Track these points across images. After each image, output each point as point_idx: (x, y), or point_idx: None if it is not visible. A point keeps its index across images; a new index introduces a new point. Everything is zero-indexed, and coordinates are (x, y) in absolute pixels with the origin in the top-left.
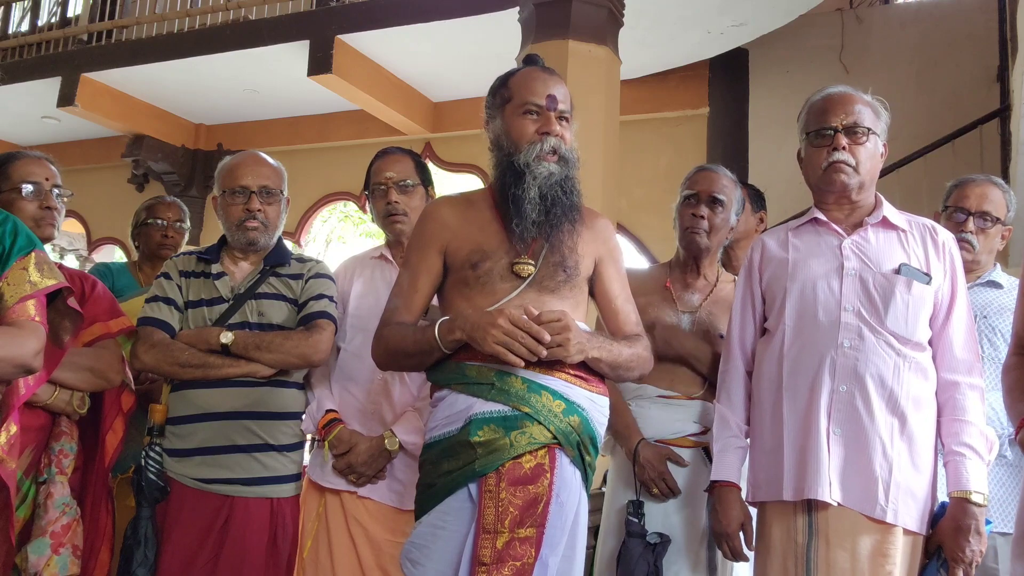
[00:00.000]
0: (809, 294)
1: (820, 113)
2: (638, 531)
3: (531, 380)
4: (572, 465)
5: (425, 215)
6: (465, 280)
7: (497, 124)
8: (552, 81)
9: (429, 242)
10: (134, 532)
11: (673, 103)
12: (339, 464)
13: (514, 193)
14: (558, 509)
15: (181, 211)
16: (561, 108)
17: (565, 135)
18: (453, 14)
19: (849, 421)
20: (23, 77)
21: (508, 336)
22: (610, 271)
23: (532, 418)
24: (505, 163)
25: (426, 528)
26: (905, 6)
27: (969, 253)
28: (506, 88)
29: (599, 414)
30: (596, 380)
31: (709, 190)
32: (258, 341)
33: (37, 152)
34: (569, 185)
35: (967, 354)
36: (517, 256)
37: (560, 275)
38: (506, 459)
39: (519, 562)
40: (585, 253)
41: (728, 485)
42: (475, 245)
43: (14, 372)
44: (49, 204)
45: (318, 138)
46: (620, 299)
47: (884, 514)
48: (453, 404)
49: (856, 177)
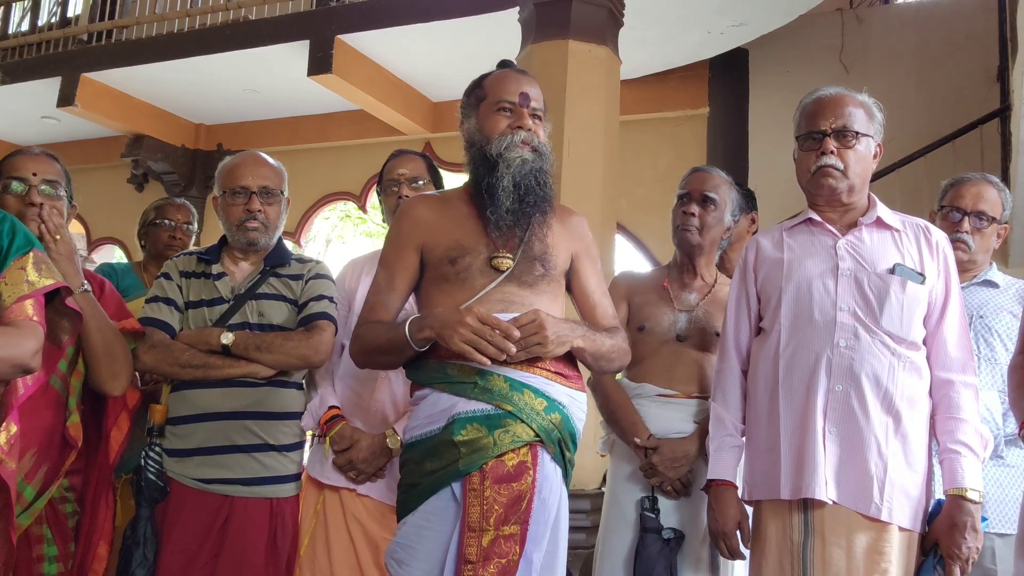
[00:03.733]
0: (804, 294)
1: (810, 116)
2: (655, 526)
3: (513, 378)
4: (553, 462)
5: (401, 213)
6: (444, 276)
7: (471, 123)
8: (525, 80)
9: (406, 240)
10: (133, 532)
11: (673, 103)
12: (340, 460)
13: (488, 182)
14: (541, 506)
15: (190, 213)
16: (534, 106)
17: (539, 131)
18: (453, 14)
19: (844, 420)
20: (23, 77)
21: (476, 334)
22: (586, 266)
23: (515, 416)
24: (479, 155)
25: (411, 528)
26: (905, 6)
27: (965, 253)
28: (480, 88)
29: (578, 411)
30: (575, 377)
31: (701, 189)
32: (258, 342)
33: (37, 148)
34: (543, 177)
35: (961, 352)
36: (495, 251)
37: (538, 269)
38: (489, 458)
39: (504, 559)
40: (561, 248)
41: (724, 484)
42: (453, 241)
43: (12, 372)
44: (31, 200)
45: (318, 138)
46: (597, 294)
47: (879, 512)
48: (435, 403)
49: (844, 181)
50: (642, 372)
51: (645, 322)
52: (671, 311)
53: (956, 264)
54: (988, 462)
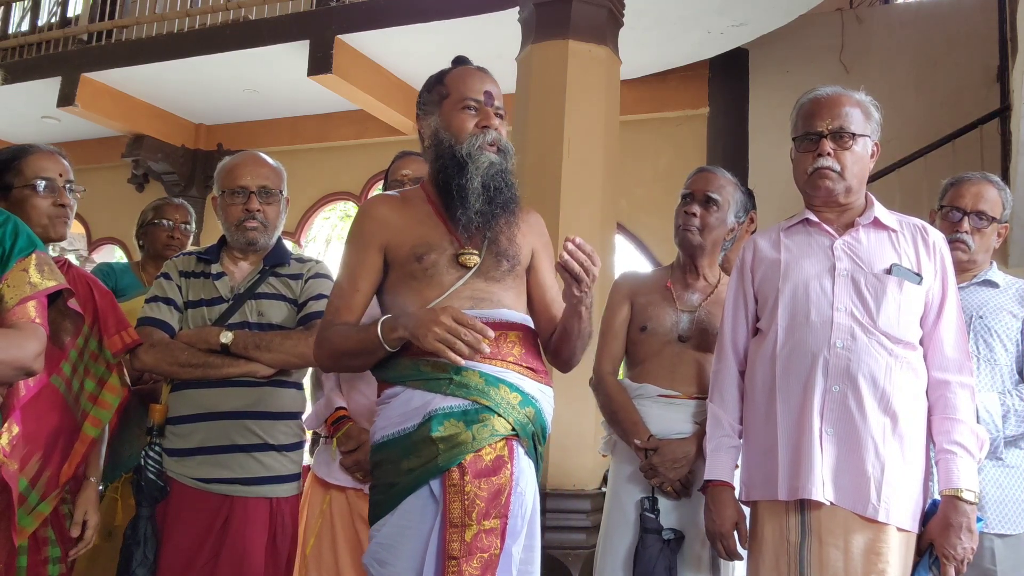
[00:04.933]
0: (801, 294)
1: (807, 117)
2: (655, 527)
3: (488, 374)
4: (527, 456)
5: (362, 214)
6: (412, 274)
7: (435, 120)
8: (488, 79)
9: (368, 240)
10: (134, 532)
11: (673, 103)
12: (347, 461)
13: (458, 184)
14: (518, 499)
15: (188, 213)
16: (497, 104)
17: (502, 130)
18: (453, 14)
19: (842, 421)
20: (23, 77)
21: (450, 333)
22: (544, 262)
23: (492, 411)
24: (447, 155)
25: (392, 528)
26: (905, 6)
27: (965, 253)
28: (442, 85)
29: (548, 405)
30: (543, 372)
31: (704, 189)
32: (258, 341)
33: (50, 146)
34: (509, 177)
35: (958, 353)
36: (460, 247)
37: (504, 264)
38: (468, 453)
39: (486, 553)
40: (524, 244)
41: (721, 484)
42: (418, 239)
43: (15, 374)
44: (63, 201)
45: (318, 138)
46: (555, 289)
47: (876, 513)
48: (408, 401)
49: (841, 183)
50: (644, 373)
51: (647, 322)
52: (674, 311)
53: (956, 264)
54: (988, 463)
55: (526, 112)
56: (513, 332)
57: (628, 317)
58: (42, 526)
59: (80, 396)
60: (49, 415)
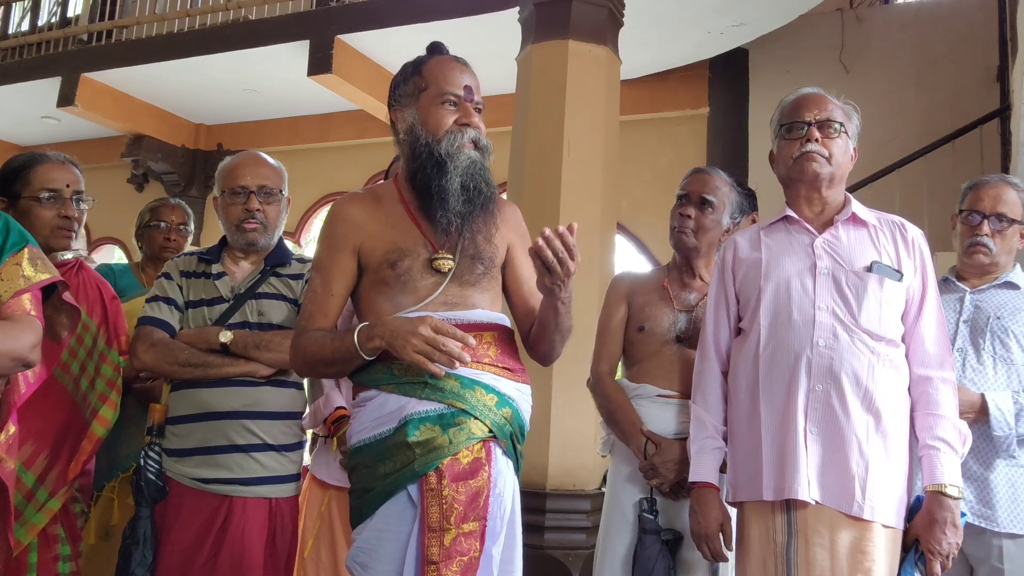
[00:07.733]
0: (783, 294)
1: (794, 109)
2: (654, 528)
3: (463, 376)
4: (505, 456)
5: (334, 216)
6: (385, 280)
7: (411, 113)
8: (468, 72)
9: (341, 243)
10: (133, 532)
11: (673, 103)
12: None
13: (439, 184)
14: (497, 500)
15: (185, 214)
16: (477, 100)
17: (481, 127)
18: (453, 14)
19: (825, 420)
20: (23, 77)
21: (429, 344)
22: (521, 256)
23: (468, 414)
24: (424, 153)
25: (371, 532)
26: (905, 6)
27: (987, 256)
28: (420, 76)
29: (525, 404)
30: (520, 370)
31: (699, 191)
32: (257, 340)
33: (62, 155)
34: (487, 175)
35: (939, 349)
36: (434, 251)
37: (479, 267)
38: (445, 457)
39: (466, 556)
40: (499, 242)
41: (706, 486)
42: (391, 244)
43: (12, 366)
44: (67, 213)
45: (318, 138)
46: (533, 280)
47: (861, 511)
48: (383, 405)
49: (828, 168)
50: (642, 373)
51: (645, 322)
52: (671, 311)
53: (978, 267)
54: (1000, 462)
55: (526, 112)
56: (488, 333)
57: (625, 317)
58: (52, 523)
59: (89, 395)
60: (56, 413)
